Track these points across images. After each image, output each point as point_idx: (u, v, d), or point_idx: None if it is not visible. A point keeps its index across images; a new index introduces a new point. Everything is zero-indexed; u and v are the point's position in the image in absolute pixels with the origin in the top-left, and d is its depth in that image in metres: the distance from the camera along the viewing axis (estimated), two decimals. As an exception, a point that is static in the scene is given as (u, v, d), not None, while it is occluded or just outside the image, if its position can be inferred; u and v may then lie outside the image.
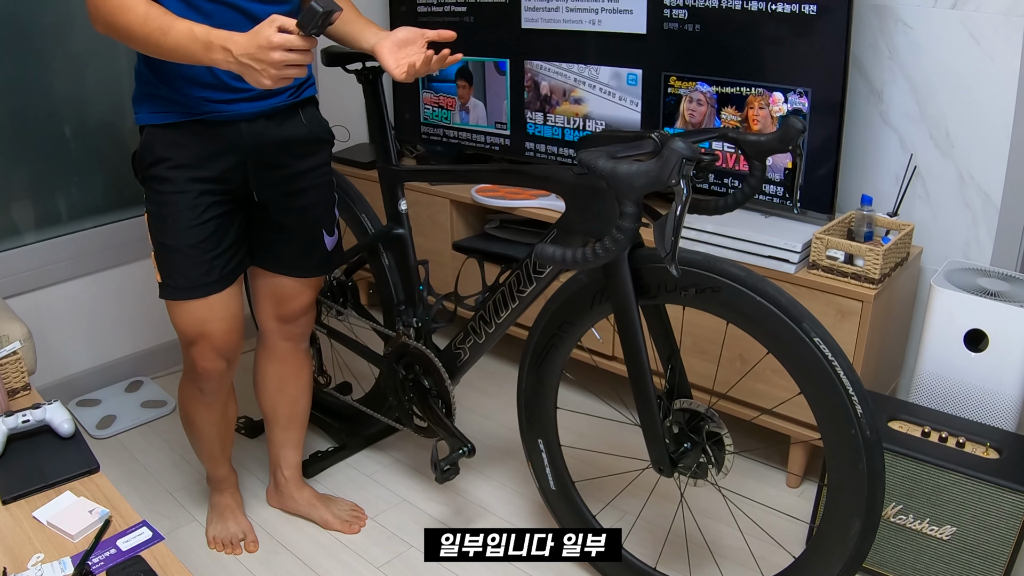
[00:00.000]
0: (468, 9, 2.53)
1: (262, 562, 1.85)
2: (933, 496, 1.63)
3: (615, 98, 2.31)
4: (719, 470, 1.51)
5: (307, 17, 1.22)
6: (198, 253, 1.54)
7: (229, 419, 1.84)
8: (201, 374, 1.66)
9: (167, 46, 1.30)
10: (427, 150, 2.85)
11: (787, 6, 1.93)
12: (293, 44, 1.23)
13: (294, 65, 1.25)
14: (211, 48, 1.27)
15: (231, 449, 1.92)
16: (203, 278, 1.56)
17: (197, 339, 1.61)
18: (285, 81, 1.26)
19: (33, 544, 1.24)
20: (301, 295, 1.77)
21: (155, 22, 1.29)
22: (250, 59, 1.24)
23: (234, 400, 1.83)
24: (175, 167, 1.51)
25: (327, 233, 1.73)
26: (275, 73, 1.24)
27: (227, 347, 1.65)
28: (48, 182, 2.37)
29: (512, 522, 1.98)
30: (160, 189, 1.52)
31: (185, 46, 1.29)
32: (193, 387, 1.72)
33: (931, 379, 1.86)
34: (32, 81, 2.26)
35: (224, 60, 1.27)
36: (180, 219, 1.52)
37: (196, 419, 1.79)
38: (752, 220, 2.06)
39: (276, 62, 1.23)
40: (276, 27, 1.23)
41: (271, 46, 1.22)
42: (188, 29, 1.28)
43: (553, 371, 1.69)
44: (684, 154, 1.16)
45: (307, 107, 1.64)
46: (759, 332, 1.39)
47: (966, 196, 2.01)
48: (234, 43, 1.25)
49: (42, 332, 2.32)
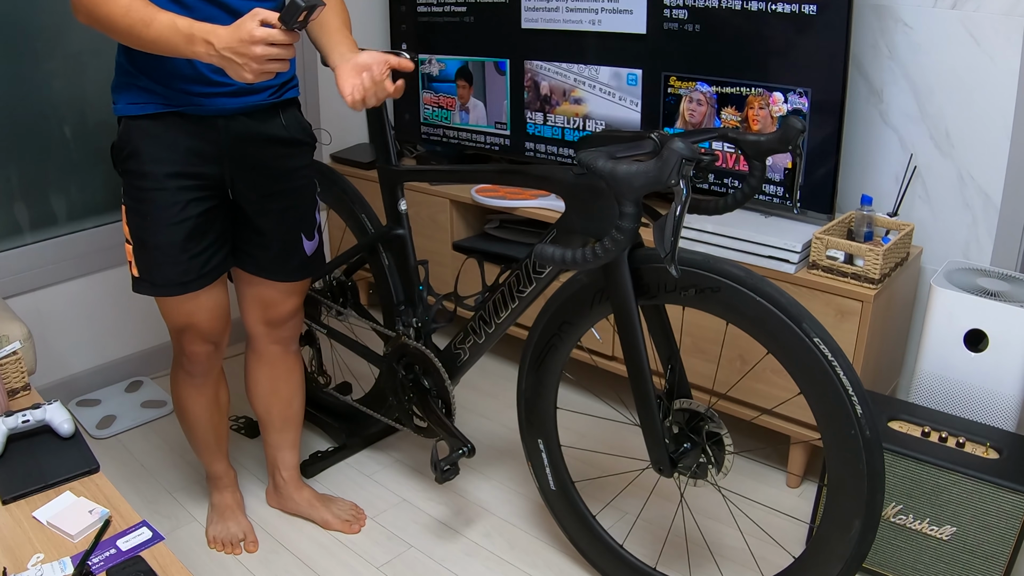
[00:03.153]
0: (468, 9, 2.53)
1: (262, 562, 1.85)
2: (933, 496, 1.63)
3: (615, 98, 2.31)
4: (719, 470, 1.51)
5: (289, 11, 1.22)
6: (176, 252, 1.54)
7: (221, 406, 1.85)
8: (190, 357, 1.70)
9: (149, 38, 1.30)
10: (427, 150, 2.85)
11: (787, 6, 1.93)
12: (275, 38, 1.23)
13: (276, 59, 1.25)
14: (193, 41, 1.27)
15: (227, 443, 1.92)
16: (181, 277, 1.57)
17: (184, 328, 1.65)
18: (266, 75, 1.26)
19: (33, 544, 1.24)
20: (286, 300, 1.75)
21: (137, 13, 1.29)
22: (232, 52, 1.24)
23: (225, 387, 1.85)
24: (153, 161, 1.50)
25: (306, 237, 1.70)
26: (256, 67, 1.24)
27: (214, 334, 1.69)
28: (48, 182, 2.37)
29: (512, 522, 1.98)
30: (139, 184, 1.52)
31: (167, 38, 1.29)
32: (183, 371, 1.75)
33: (931, 379, 1.86)
34: (32, 81, 2.26)
35: (206, 53, 1.27)
36: (159, 217, 1.52)
37: (188, 405, 1.80)
38: (752, 220, 2.06)
39: (258, 56, 1.23)
40: (258, 20, 1.23)
41: (252, 40, 1.22)
42: (171, 21, 1.28)
43: (553, 371, 1.69)
44: (684, 154, 1.16)
45: (288, 108, 1.62)
46: (759, 332, 1.39)
47: (966, 196, 2.01)
48: (216, 36, 1.25)
49: (42, 332, 2.32)
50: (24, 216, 2.35)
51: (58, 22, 2.26)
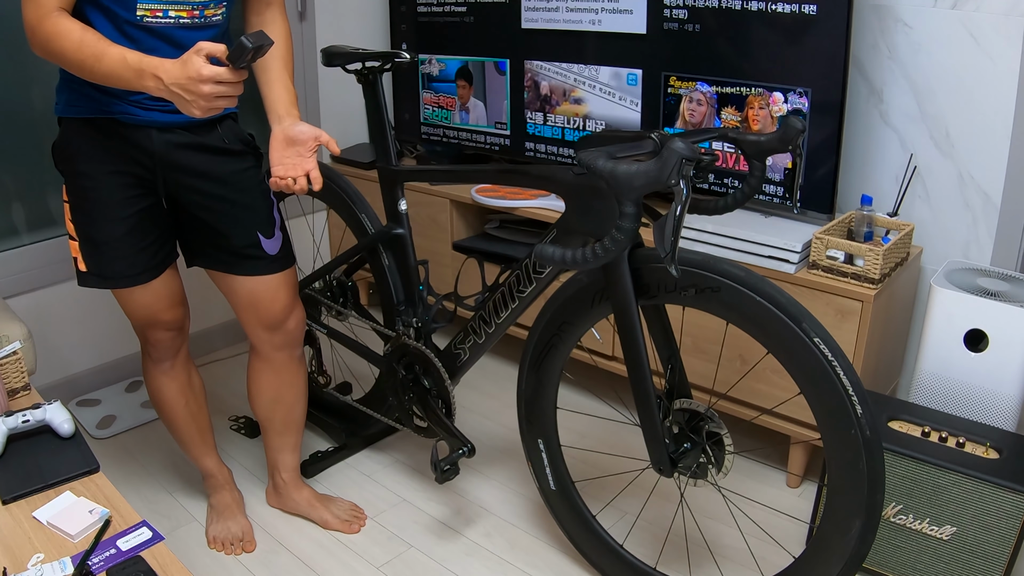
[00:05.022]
0: (468, 9, 2.53)
1: (262, 562, 1.85)
2: (933, 496, 1.63)
3: (615, 98, 2.31)
4: (719, 470, 1.51)
5: (237, 52, 1.23)
6: (122, 246, 1.57)
7: (195, 391, 1.86)
8: (154, 344, 1.75)
9: (101, 72, 1.31)
10: (427, 150, 2.85)
11: (787, 6, 1.93)
12: (223, 77, 1.24)
13: (224, 96, 1.27)
14: (142, 76, 1.28)
15: (212, 437, 1.92)
16: (129, 269, 1.60)
17: (144, 317, 1.70)
18: (214, 111, 1.28)
19: (33, 544, 1.24)
20: (275, 298, 1.72)
21: (89, 48, 1.30)
22: (180, 89, 1.26)
23: (196, 371, 1.87)
24: (92, 161, 1.53)
25: (264, 236, 1.67)
26: (205, 105, 1.26)
27: (174, 322, 1.73)
28: (47, 182, 2.37)
29: (512, 522, 1.98)
30: (80, 183, 1.54)
31: (118, 73, 1.30)
32: (150, 360, 1.79)
33: (931, 379, 1.86)
34: (31, 81, 2.26)
35: (155, 87, 1.28)
36: (102, 213, 1.55)
37: (163, 394, 1.82)
38: (752, 220, 2.06)
39: (206, 94, 1.25)
40: (204, 55, 1.24)
41: (200, 78, 1.23)
42: (120, 56, 1.29)
43: (553, 371, 1.69)
44: (684, 154, 1.16)
45: (224, 122, 1.63)
46: (759, 332, 1.39)
47: (966, 196, 2.01)
48: (164, 71, 1.26)
49: (42, 332, 2.32)
50: (24, 216, 2.35)
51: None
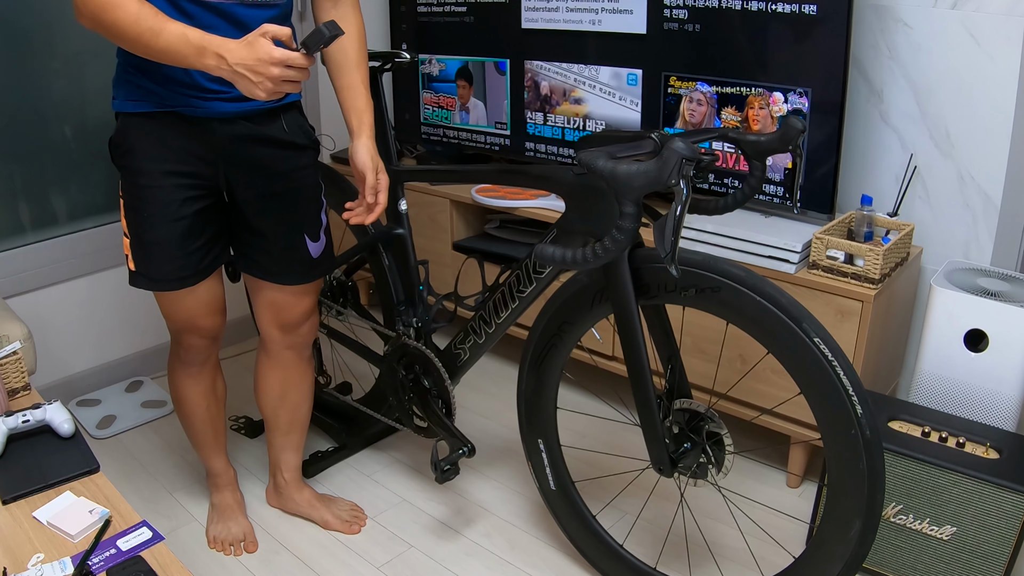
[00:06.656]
0: (468, 9, 2.53)
1: (262, 562, 1.85)
2: (933, 496, 1.63)
3: (615, 98, 2.31)
4: (719, 470, 1.51)
5: (314, 38, 1.21)
6: (173, 248, 1.55)
7: (218, 397, 1.85)
8: (187, 348, 1.73)
9: (157, 48, 1.28)
10: (427, 150, 2.85)
11: (787, 6, 1.93)
12: (295, 62, 1.22)
13: (291, 81, 1.24)
14: (204, 54, 1.25)
15: (225, 439, 1.93)
16: (178, 272, 1.58)
17: (183, 321, 1.67)
18: (278, 95, 1.26)
19: (33, 544, 1.24)
20: (298, 303, 1.74)
21: (147, 22, 1.27)
22: (247, 70, 1.23)
23: (222, 378, 1.86)
24: (149, 158, 1.50)
25: (310, 239, 1.68)
26: (271, 87, 1.24)
27: (211, 327, 1.70)
28: (48, 182, 2.37)
29: (512, 522, 1.98)
30: (136, 181, 1.52)
31: (177, 49, 1.27)
32: (179, 361, 1.77)
33: (931, 379, 1.86)
34: (31, 81, 2.26)
35: (216, 67, 1.25)
36: (156, 213, 1.52)
37: (186, 395, 1.80)
38: (752, 220, 2.06)
39: (275, 77, 1.23)
40: (271, 37, 1.22)
41: (272, 60, 1.21)
42: (181, 32, 1.27)
43: (553, 371, 1.69)
44: (684, 154, 1.16)
45: (289, 111, 1.61)
46: (759, 332, 1.39)
47: (966, 196, 2.01)
48: (228, 51, 1.24)
49: (42, 332, 2.32)
50: (24, 216, 2.35)
51: (58, 22, 2.26)
